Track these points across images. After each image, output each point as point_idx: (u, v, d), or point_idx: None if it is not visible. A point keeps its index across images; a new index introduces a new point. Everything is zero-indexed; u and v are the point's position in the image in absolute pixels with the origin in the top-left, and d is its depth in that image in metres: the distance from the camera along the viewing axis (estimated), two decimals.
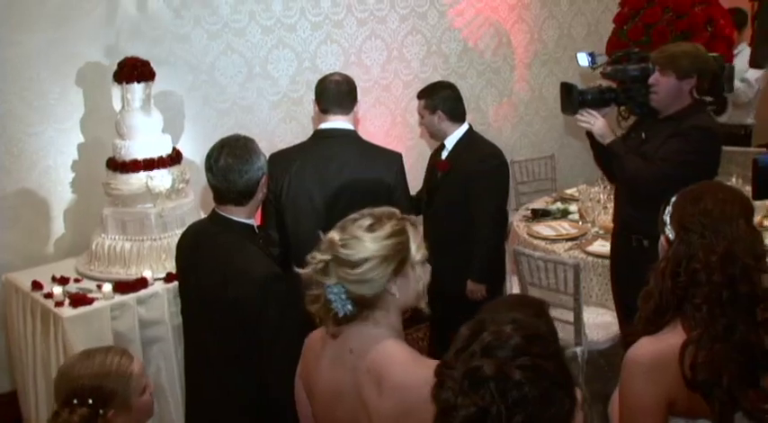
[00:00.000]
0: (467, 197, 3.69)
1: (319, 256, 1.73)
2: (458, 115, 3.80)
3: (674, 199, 1.94)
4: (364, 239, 1.71)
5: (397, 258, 1.73)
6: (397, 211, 1.81)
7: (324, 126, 3.28)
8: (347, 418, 1.78)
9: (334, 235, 1.74)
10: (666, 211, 1.92)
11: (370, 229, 1.73)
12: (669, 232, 1.89)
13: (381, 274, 1.72)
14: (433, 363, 1.73)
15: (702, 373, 1.70)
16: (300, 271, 1.76)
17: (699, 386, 1.70)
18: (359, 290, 1.71)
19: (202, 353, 2.54)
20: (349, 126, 3.28)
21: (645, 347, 1.81)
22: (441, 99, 3.78)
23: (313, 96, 3.36)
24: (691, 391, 1.72)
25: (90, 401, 1.93)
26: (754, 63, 4.16)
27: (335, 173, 3.19)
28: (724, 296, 1.74)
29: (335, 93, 3.26)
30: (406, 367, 1.70)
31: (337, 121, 3.26)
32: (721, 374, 1.69)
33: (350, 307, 1.71)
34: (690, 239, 1.81)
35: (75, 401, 1.93)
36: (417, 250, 1.77)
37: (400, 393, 1.67)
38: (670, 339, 1.77)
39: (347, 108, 3.27)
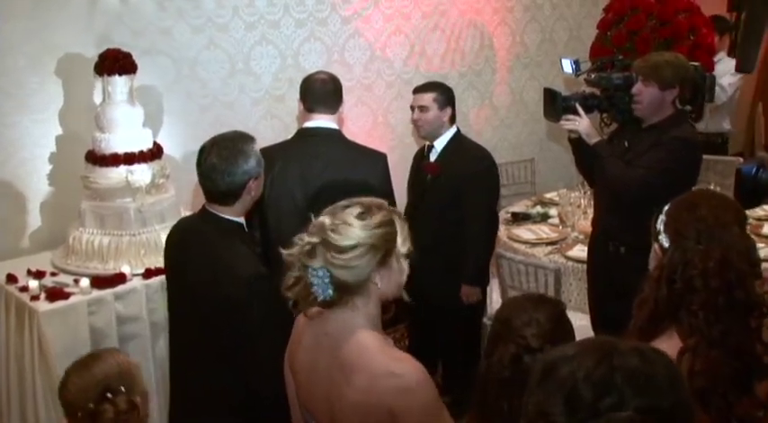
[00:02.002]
0: (458, 199, 3.67)
1: (307, 238, 1.75)
2: (454, 116, 3.81)
3: (666, 207, 1.94)
4: (354, 226, 1.73)
5: (384, 248, 1.76)
6: (385, 202, 1.84)
7: (308, 125, 3.26)
8: (321, 396, 1.82)
9: (325, 219, 1.76)
10: (660, 220, 1.93)
11: (361, 216, 1.75)
12: (664, 240, 1.90)
13: (367, 262, 1.74)
14: (405, 355, 1.77)
15: (700, 381, 1.70)
16: (285, 251, 1.78)
17: (697, 394, 1.70)
18: (343, 275, 1.73)
19: (190, 352, 2.51)
20: (334, 125, 3.26)
21: None
22: (451, 95, 3.78)
23: (295, 94, 3.34)
24: None
25: (122, 389, 2.05)
26: (739, 68, 4.19)
27: (319, 172, 3.16)
28: (720, 302, 1.75)
29: (321, 91, 3.24)
30: (376, 357, 1.73)
31: (322, 120, 3.24)
32: (717, 381, 1.70)
33: (330, 292, 1.73)
34: (685, 246, 1.82)
35: (109, 395, 2.04)
36: (403, 243, 1.80)
37: (368, 383, 1.69)
38: (665, 348, 1.77)
39: (332, 107, 3.25)
